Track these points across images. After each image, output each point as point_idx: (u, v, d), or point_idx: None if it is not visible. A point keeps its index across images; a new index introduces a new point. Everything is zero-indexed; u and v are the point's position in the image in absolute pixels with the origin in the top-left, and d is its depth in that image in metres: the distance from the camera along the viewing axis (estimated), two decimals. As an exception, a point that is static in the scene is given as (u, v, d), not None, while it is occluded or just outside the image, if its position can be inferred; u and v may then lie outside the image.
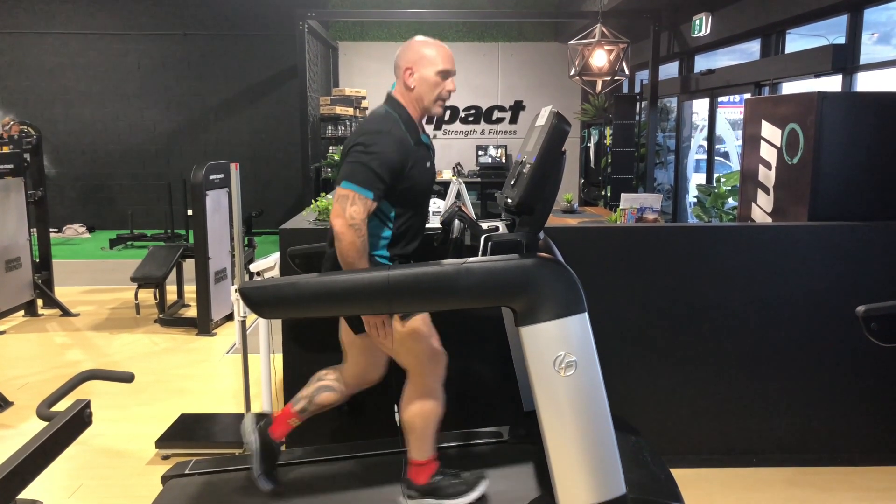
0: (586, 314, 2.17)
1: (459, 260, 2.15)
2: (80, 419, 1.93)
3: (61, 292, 6.79)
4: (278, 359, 3.46)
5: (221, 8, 11.34)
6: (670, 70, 9.20)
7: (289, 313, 2.77)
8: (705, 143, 8.12)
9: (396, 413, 2.62)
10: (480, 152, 11.33)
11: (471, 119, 11.60)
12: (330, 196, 2.80)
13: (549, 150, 2.40)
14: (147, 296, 6.17)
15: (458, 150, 11.53)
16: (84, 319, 6.28)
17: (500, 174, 10.96)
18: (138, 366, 5.00)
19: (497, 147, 11.36)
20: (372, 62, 10.95)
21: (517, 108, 11.57)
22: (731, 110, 8.92)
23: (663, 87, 8.87)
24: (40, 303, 6.46)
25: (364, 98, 9.95)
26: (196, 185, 5.56)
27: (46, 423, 1.89)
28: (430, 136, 2.71)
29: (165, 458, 3.59)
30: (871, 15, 5.20)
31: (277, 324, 3.54)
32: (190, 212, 5.73)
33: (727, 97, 7.95)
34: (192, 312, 6.22)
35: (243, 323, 3.67)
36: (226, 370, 4.95)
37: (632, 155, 8.86)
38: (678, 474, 2.58)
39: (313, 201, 3.88)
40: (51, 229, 7.15)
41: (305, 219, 3.78)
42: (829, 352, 3.40)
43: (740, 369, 3.41)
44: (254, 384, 3.76)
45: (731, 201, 6.49)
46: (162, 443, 3.62)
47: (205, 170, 5.58)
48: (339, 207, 2.34)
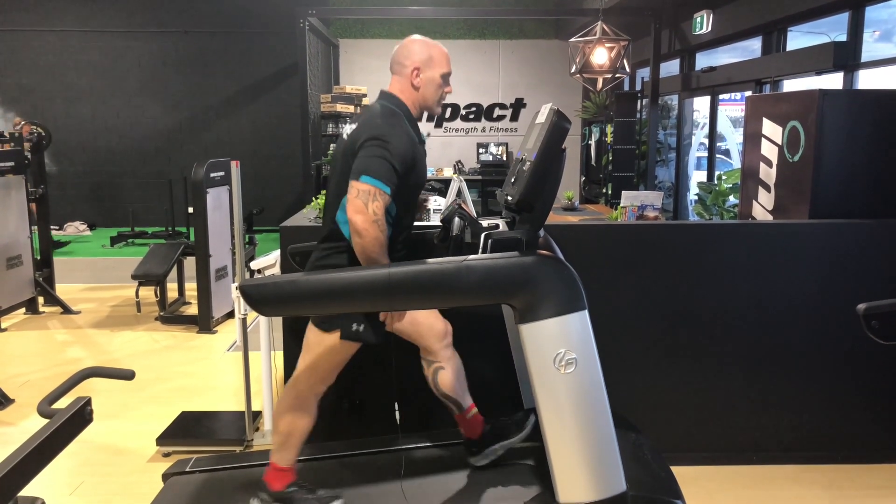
0: (586, 312, 2.17)
1: (460, 257, 2.15)
2: (80, 417, 1.93)
3: (62, 290, 6.79)
4: (279, 356, 3.46)
5: (222, 5, 11.33)
6: (671, 67, 9.19)
7: (289, 311, 2.76)
8: (706, 141, 8.12)
9: (397, 410, 2.62)
10: (481, 150, 11.33)
11: (471, 117, 11.59)
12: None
13: (549, 148, 2.40)
14: (148, 293, 6.18)
15: (459, 147, 11.52)
16: (85, 317, 6.29)
17: (501, 172, 10.95)
18: (139, 363, 5.01)
19: (498, 145, 11.36)
20: (373, 60, 10.94)
21: (518, 105, 11.56)
22: (733, 108, 8.91)
23: (664, 85, 8.86)
24: (41, 300, 6.47)
25: (365, 95, 9.94)
26: (197, 182, 5.56)
27: (47, 421, 1.89)
28: (423, 134, 2.73)
29: (166, 455, 3.59)
30: (873, 12, 5.19)
31: (278, 321, 3.54)
32: (191, 209, 5.73)
33: (728, 95, 7.95)
34: (192, 310, 6.22)
35: (244, 320, 3.68)
36: (227, 367, 4.96)
37: (633, 152, 8.86)
38: (679, 472, 2.58)
39: (314, 199, 3.88)
40: (52, 227, 7.15)
41: (306, 216, 3.78)
42: (830, 349, 3.40)
43: (741, 366, 3.41)
44: (254, 381, 3.76)
45: (732, 199, 6.49)
46: (163, 440, 3.62)
47: (205, 167, 5.58)
48: (361, 203, 2.29)
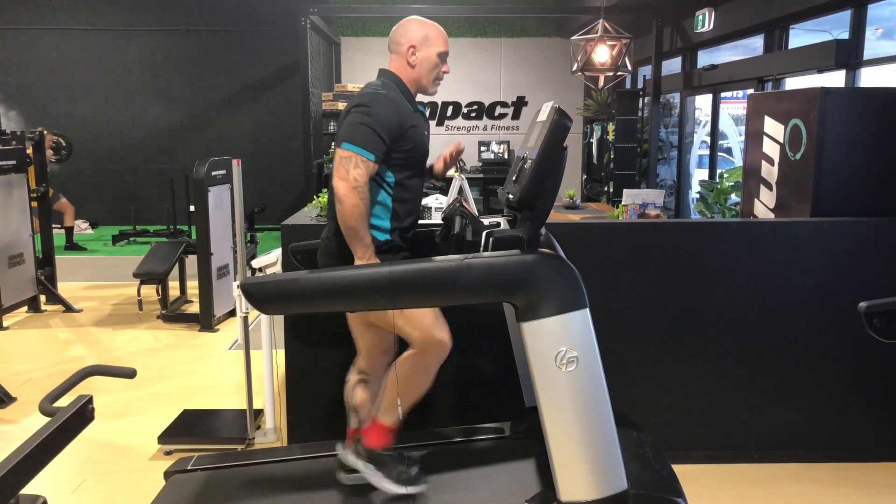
0: (588, 310, 2.17)
1: (461, 256, 2.15)
2: (82, 415, 1.93)
3: (64, 288, 6.80)
4: (280, 355, 3.46)
5: (223, 4, 11.33)
6: (673, 65, 9.18)
7: (290, 309, 2.77)
8: (708, 139, 8.10)
9: (399, 408, 2.62)
10: (483, 148, 11.32)
11: (473, 115, 11.58)
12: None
13: (550, 146, 2.40)
14: (150, 292, 6.18)
15: (461, 145, 11.51)
16: (87, 315, 6.29)
17: (503, 170, 10.95)
18: (141, 361, 5.01)
19: (500, 143, 11.35)
20: (374, 58, 10.92)
21: (519, 103, 11.55)
22: (734, 106, 8.90)
23: (666, 83, 8.85)
24: (43, 299, 6.48)
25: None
26: (198, 181, 5.56)
27: (49, 419, 1.89)
28: (424, 106, 2.75)
29: (168, 453, 3.60)
30: (875, 10, 5.18)
31: (279, 320, 3.55)
32: (192, 208, 5.74)
33: (730, 93, 7.93)
34: (194, 308, 6.22)
35: (245, 319, 3.68)
36: (228, 366, 4.96)
37: (634, 151, 8.85)
38: (680, 470, 2.58)
39: (315, 197, 3.88)
40: (53, 225, 7.16)
41: (307, 215, 3.78)
42: (831, 347, 3.39)
43: (742, 365, 3.40)
44: (256, 380, 3.77)
45: (733, 197, 6.48)
46: (164, 438, 3.63)
47: (207, 166, 5.58)
48: (343, 170, 2.33)
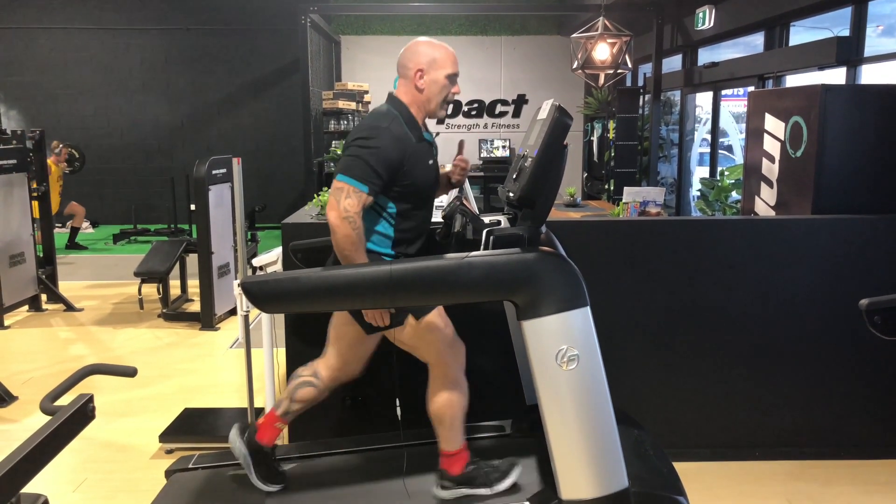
0: (588, 308, 2.16)
1: (461, 254, 2.15)
2: (83, 414, 1.93)
3: (65, 287, 6.80)
4: (281, 353, 3.46)
5: (224, 3, 11.33)
6: (674, 63, 9.17)
7: (291, 308, 2.77)
8: (709, 137, 8.10)
9: (398, 406, 2.62)
10: (483, 146, 11.31)
11: (473, 113, 11.58)
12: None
13: (550, 144, 2.40)
14: (150, 290, 6.18)
15: (461, 144, 11.50)
16: (88, 314, 6.30)
17: (503, 168, 10.94)
18: (142, 360, 5.02)
19: (500, 141, 11.34)
20: (374, 56, 10.94)
21: (520, 101, 11.55)
22: (735, 103, 8.89)
23: (666, 81, 8.84)
24: (44, 298, 6.48)
25: (366, 92, 9.94)
26: (199, 179, 5.56)
27: (50, 418, 1.89)
28: (432, 133, 2.71)
29: (169, 452, 3.60)
30: (876, 7, 5.17)
31: (280, 318, 3.54)
32: (193, 206, 5.74)
33: (731, 90, 7.93)
34: (195, 307, 6.23)
35: (246, 317, 3.67)
36: (229, 364, 4.97)
37: (635, 148, 8.84)
38: (681, 468, 2.58)
39: (316, 196, 3.88)
40: (56, 225, 7.16)
41: (308, 213, 3.78)
42: (832, 345, 3.39)
43: (743, 362, 3.40)
44: (257, 378, 3.76)
45: (734, 195, 6.48)
46: (166, 437, 3.63)
47: (207, 164, 5.58)
48: (334, 200, 2.37)
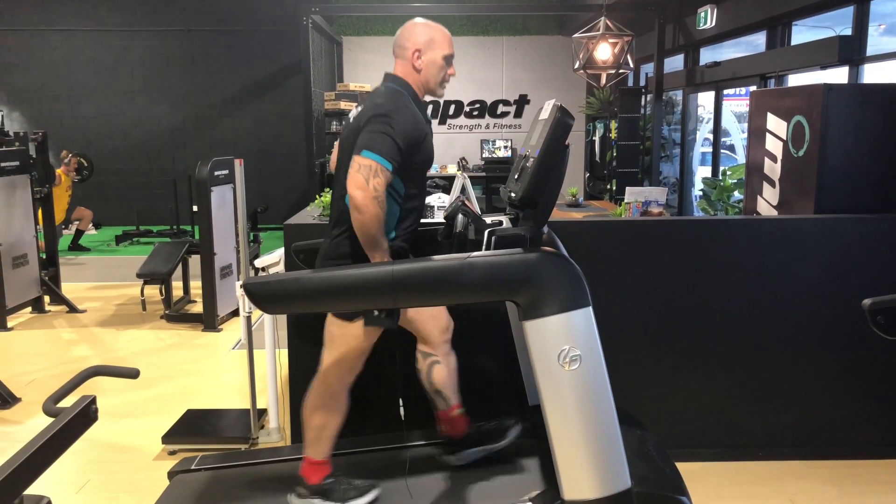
0: (590, 308, 2.16)
1: (463, 254, 2.14)
2: (85, 415, 1.94)
3: (68, 289, 6.81)
4: (283, 354, 3.47)
5: (225, 4, 11.34)
6: (675, 63, 9.16)
7: (293, 309, 2.76)
8: (711, 136, 8.09)
9: (401, 406, 2.62)
10: (486, 146, 11.31)
11: (475, 113, 11.57)
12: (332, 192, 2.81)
13: (552, 144, 2.39)
14: (153, 292, 6.19)
15: (463, 144, 11.51)
16: (90, 316, 6.31)
17: (505, 168, 10.94)
18: (144, 361, 5.02)
19: (503, 140, 11.34)
20: (376, 57, 10.93)
21: (522, 101, 11.54)
22: (737, 103, 8.89)
23: (668, 80, 8.84)
24: (47, 299, 6.49)
25: (368, 93, 9.94)
26: (201, 180, 5.57)
27: (53, 420, 1.90)
28: (429, 116, 2.74)
29: (172, 453, 3.60)
30: (878, 6, 5.16)
31: (283, 319, 3.55)
32: (195, 208, 5.75)
33: (733, 90, 7.92)
34: (197, 308, 6.23)
35: (249, 318, 3.68)
36: (232, 365, 4.97)
37: (637, 148, 8.84)
38: (684, 468, 2.57)
39: (318, 197, 3.88)
40: (62, 227, 7.17)
41: (310, 214, 3.78)
42: (835, 345, 3.39)
43: (746, 362, 3.40)
44: (259, 379, 3.77)
45: (736, 194, 6.47)
46: (168, 438, 3.63)
47: (209, 166, 5.59)
48: (362, 178, 2.27)
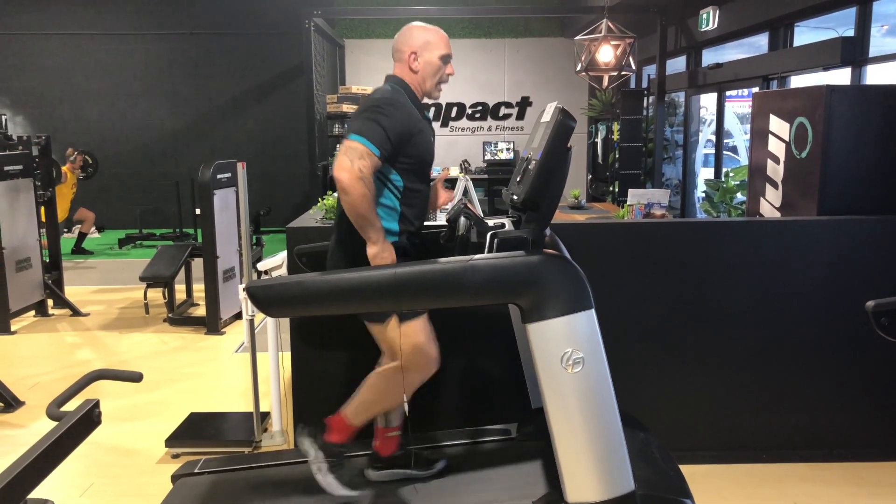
0: (593, 310, 2.16)
1: (465, 257, 2.14)
2: (89, 419, 1.94)
3: (71, 292, 6.83)
4: (287, 357, 3.47)
5: (227, 7, 11.36)
6: (678, 64, 9.16)
7: (296, 312, 2.77)
8: (713, 138, 8.08)
9: (405, 403, 2.63)
10: (488, 149, 11.30)
11: (477, 115, 11.58)
12: (336, 195, 2.81)
13: (554, 147, 2.39)
14: (156, 295, 6.20)
15: (465, 146, 11.52)
16: (94, 319, 6.31)
17: (507, 171, 10.92)
18: (148, 365, 5.02)
19: (505, 142, 11.33)
20: (378, 59, 10.94)
21: (524, 104, 11.55)
22: (740, 104, 8.88)
23: (671, 82, 8.83)
24: (50, 303, 6.50)
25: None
26: (204, 184, 5.57)
27: (56, 423, 1.90)
28: (429, 116, 2.78)
29: (175, 456, 3.60)
30: (881, 7, 5.16)
31: (286, 322, 3.55)
32: (198, 211, 5.75)
33: (735, 91, 7.91)
34: (200, 311, 6.24)
35: (252, 321, 3.68)
36: (235, 369, 4.97)
37: (639, 150, 8.83)
38: (688, 470, 2.57)
39: (320, 200, 3.89)
40: (64, 230, 7.19)
41: (312, 217, 3.79)
42: (838, 347, 3.38)
43: (749, 365, 3.39)
44: (262, 382, 3.77)
45: (739, 196, 6.46)
46: (172, 441, 3.64)
47: (212, 169, 5.60)
48: (347, 160, 2.34)
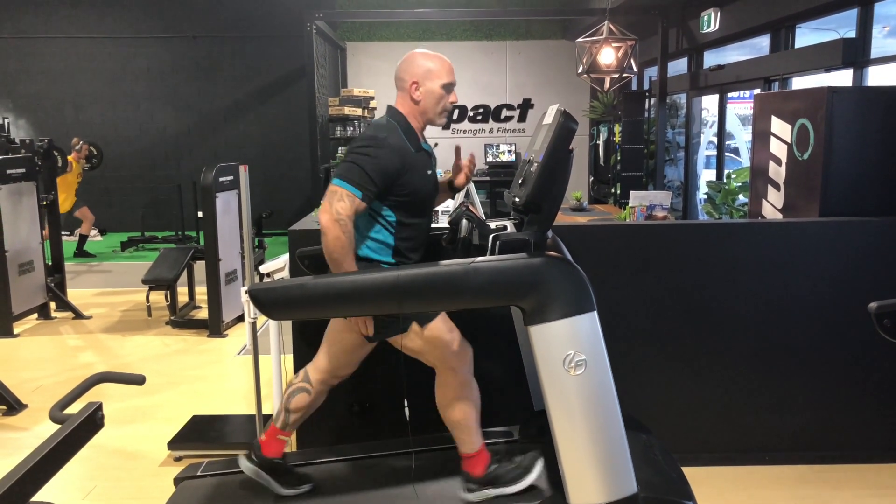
0: (595, 313, 2.16)
1: (468, 259, 2.15)
2: (92, 422, 1.94)
3: (73, 295, 6.83)
4: (289, 359, 3.47)
5: (229, 10, 11.38)
6: (679, 66, 9.16)
7: (298, 314, 2.76)
8: (715, 140, 8.08)
9: (406, 407, 2.63)
10: (490, 151, 11.30)
11: (479, 118, 11.58)
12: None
13: (556, 149, 2.39)
14: (158, 298, 6.20)
15: (467, 148, 11.37)
16: (96, 322, 6.32)
17: (509, 173, 10.92)
18: (150, 367, 5.03)
19: (507, 144, 11.34)
20: (380, 62, 10.96)
21: (525, 106, 11.55)
22: (741, 106, 8.87)
23: (672, 84, 8.83)
24: (53, 306, 6.51)
25: (372, 98, 9.95)
26: (206, 187, 5.58)
27: (59, 426, 1.90)
28: (430, 144, 2.75)
29: (178, 459, 3.61)
30: (882, 8, 5.16)
31: (288, 325, 3.55)
32: (200, 214, 5.76)
33: (737, 93, 7.91)
34: (203, 314, 6.25)
35: (254, 324, 3.68)
36: (237, 371, 4.98)
37: (641, 152, 8.83)
38: (690, 472, 2.57)
39: (322, 202, 3.89)
40: (64, 232, 7.20)
41: (314, 220, 3.78)
42: (840, 348, 3.38)
43: (751, 366, 3.39)
44: (264, 385, 3.77)
45: (741, 198, 6.46)
46: (174, 444, 3.64)
47: (214, 172, 5.60)
48: (327, 203, 2.39)
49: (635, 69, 7.44)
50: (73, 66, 11.58)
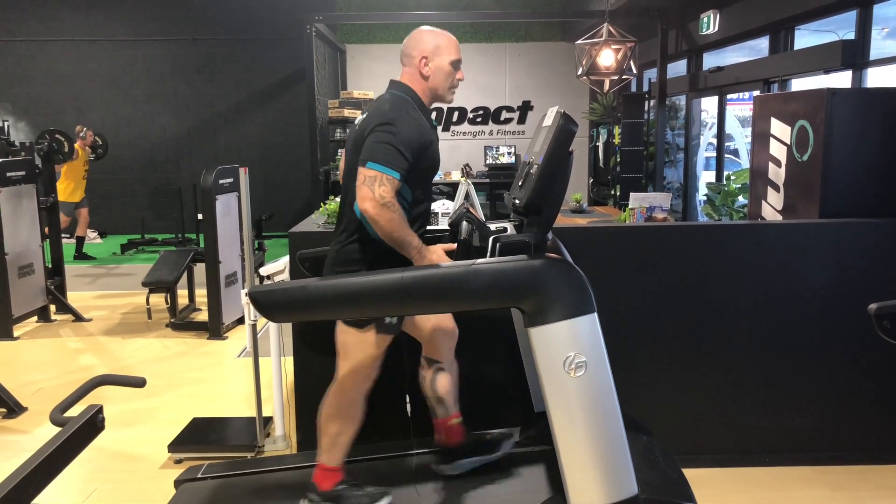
0: (595, 314, 2.16)
1: (468, 261, 2.15)
2: (92, 424, 1.94)
3: (74, 297, 6.83)
4: (289, 362, 3.47)
5: (229, 13, 11.39)
6: (679, 68, 9.17)
7: (298, 317, 2.76)
8: (715, 141, 8.09)
9: (408, 403, 2.63)
10: (489, 153, 11.31)
11: (479, 120, 11.59)
12: (339, 199, 2.81)
13: (556, 151, 2.40)
14: (158, 300, 6.20)
15: (467, 150, 11.52)
16: (96, 324, 6.32)
17: (509, 175, 10.92)
18: (150, 370, 5.03)
19: (507, 146, 11.34)
20: (380, 64, 10.97)
21: (525, 108, 11.55)
22: (741, 107, 8.88)
23: (672, 85, 8.84)
24: (53, 308, 6.51)
25: (372, 100, 9.97)
26: (206, 189, 5.58)
27: (60, 429, 1.90)
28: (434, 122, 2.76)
29: (178, 461, 3.60)
30: (881, 10, 5.16)
31: (288, 327, 3.56)
32: (200, 216, 5.77)
33: (736, 94, 7.92)
34: (203, 316, 6.25)
35: (254, 326, 3.69)
36: (237, 373, 4.97)
37: (641, 154, 8.84)
38: (690, 474, 2.57)
39: (322, 204, 3.89)
40: (64, 236, 7.20)
41: (314, 222, 3.79)
42: (841, 350, 3.38)
43: (752, 368, 3.39)
44: (265, 387, 3.77)
45: (741, 199, 6.46)
46: (174, 447, 3.64)
47: (214, 174, 5.61)
48: (368, 190, 2.34)
49: (635, 71, 7.44)
50: (74, 69, 11.59)
